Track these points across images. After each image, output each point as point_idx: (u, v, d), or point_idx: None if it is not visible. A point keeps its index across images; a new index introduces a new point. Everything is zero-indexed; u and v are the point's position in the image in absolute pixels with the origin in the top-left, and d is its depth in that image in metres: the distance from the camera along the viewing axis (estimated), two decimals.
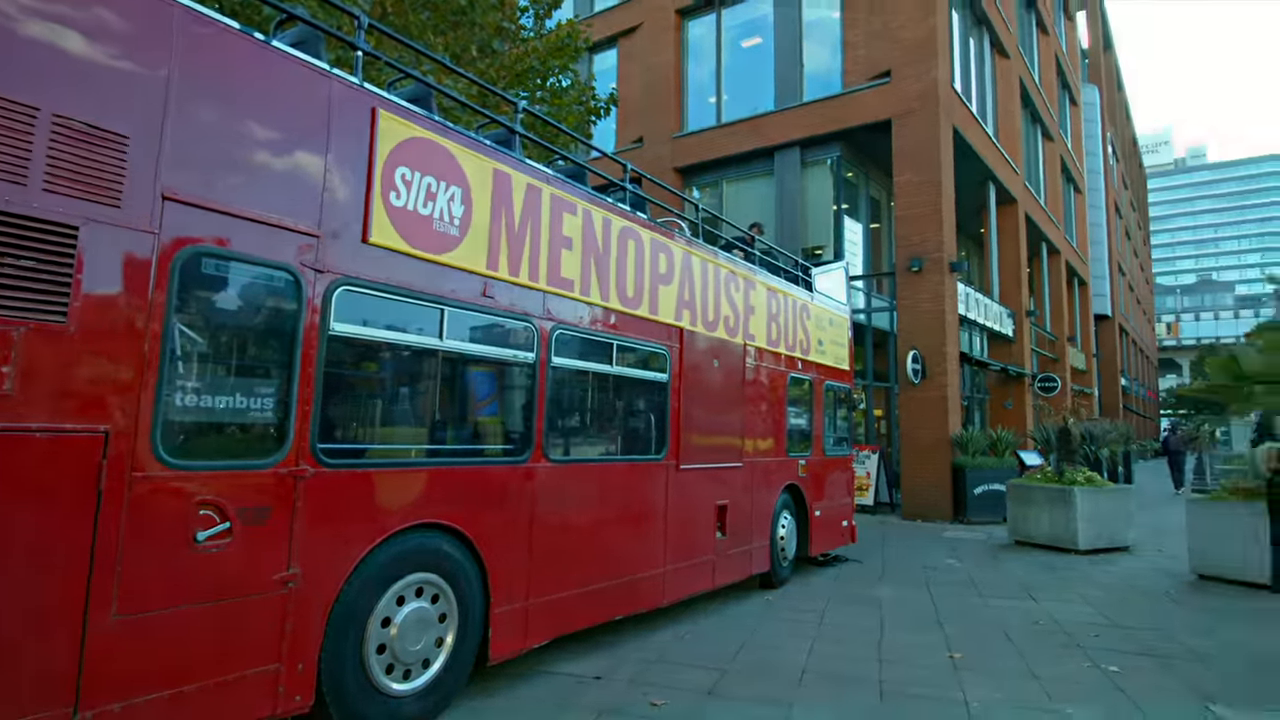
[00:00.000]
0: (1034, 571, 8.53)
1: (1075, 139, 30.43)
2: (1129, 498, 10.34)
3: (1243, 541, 7.76)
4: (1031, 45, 23.93)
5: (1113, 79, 44.07)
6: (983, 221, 19.11)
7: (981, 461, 12.79)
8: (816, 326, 8.74)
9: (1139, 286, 51.92)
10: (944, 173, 14.46)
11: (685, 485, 6.03)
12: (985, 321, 17.44)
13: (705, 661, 4.99)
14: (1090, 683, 4.71)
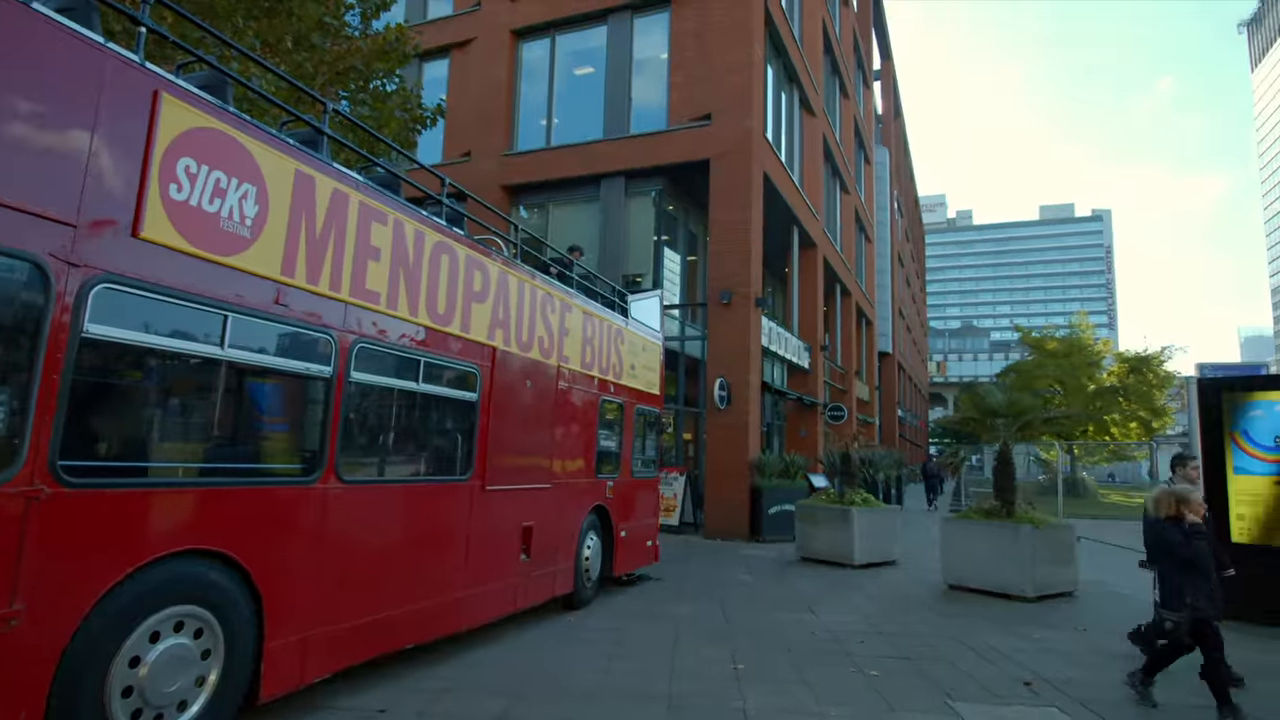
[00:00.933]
0: (816, 585, 9.28)
1: (868, 194, 33.92)
2: (897, 517, 11.59)
3: (987, 555, 8.93)
4: (835, 107, 26.45)
5: (901, 144, 49.73)
6: (787, 262, 20.71)
7: (776, 484, 13.75)
8: (630, 351, 9.01)
9: (915, 329, 58.54)
10: (754, 213, 15.53)
11: (490, 507, 5.95)
12: (785, 354, 18.83)
13: (498, 688, 4.92)
14: (853, 686, 5.20)
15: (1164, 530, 5.03)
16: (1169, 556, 4.98)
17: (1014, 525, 8.67)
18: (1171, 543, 4.94)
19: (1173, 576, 4.94)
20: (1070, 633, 7.10)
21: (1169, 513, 5.04)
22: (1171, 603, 4.91)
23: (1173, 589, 4.92)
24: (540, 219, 17.59)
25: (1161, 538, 5.05)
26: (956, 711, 4.73)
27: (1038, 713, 4.79)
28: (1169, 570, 5.00)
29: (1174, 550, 4.91)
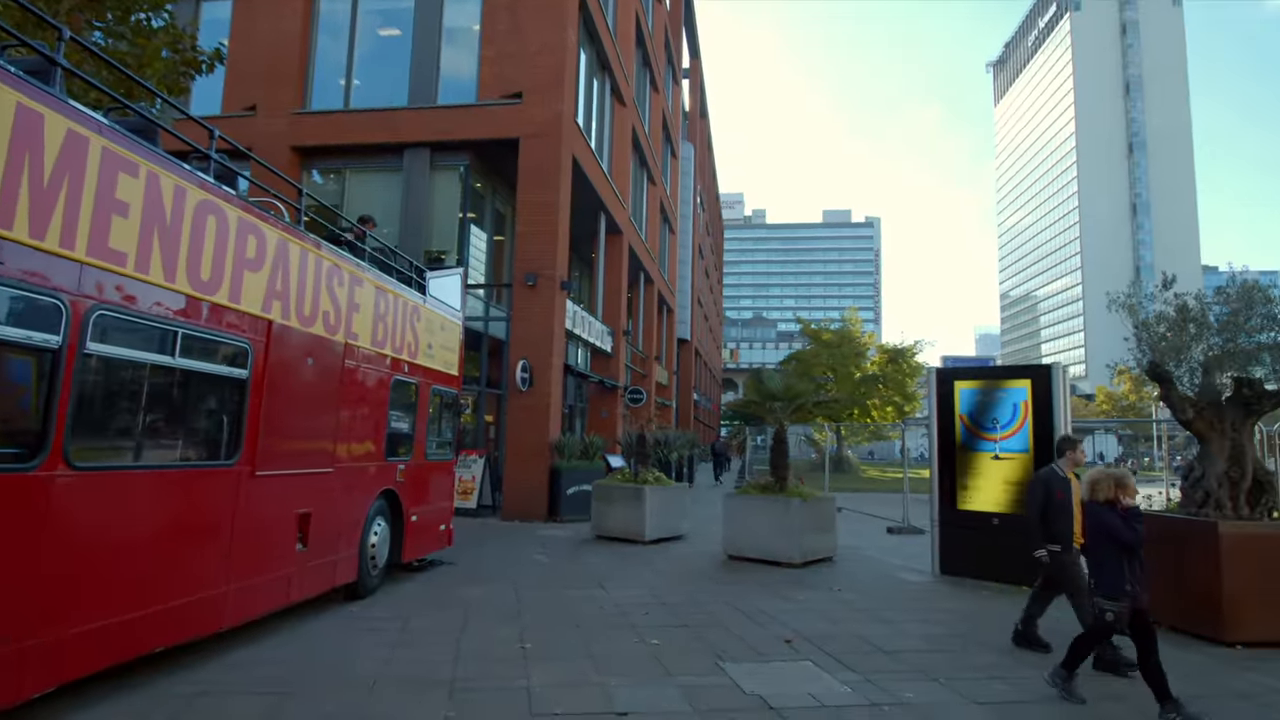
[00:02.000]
0: (608, 562, 9.60)
1: (673, 187, 35.26)
2: (685, 494, 12.27)
3: (762, 527, 9.70)
4: (645, 99, 27.14)
5: (705, 142, 52.15)
6: (593, 247, 21.04)
7: (575, 464, 14.00)
8: (427, 330, 8.71)
9: (712, 318, 61.99)
10: (562, 197, 15.58)
11: (261, 493, 5.51)
12: (589, 337, 19.15)
13: (265, 686, 4.60)
14: (635, 656, 5.46)
15: (1102, 514, 4.84)
16: (1109, 542, 4.74)
17: (785, 499, 9.52)
18: (1112, 527, 4.73)
19: (1110, 563, 4.73)
20: (827, 593, 7.95)
21: (1107, 496, 4.87)
22: (1110, 591, 4.67)
23: (1110, 576, 4.70)
24: (336, 186, 16.43)
25: (1101, 522, 4.82)
26: (725, 671, 5.13)
27: (795, 667, 5.32)
28: (1106, 557, 4.76)
29: (1115, 535, 4.70)
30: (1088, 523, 5.00)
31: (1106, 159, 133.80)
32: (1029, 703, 4.71)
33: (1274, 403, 6.90)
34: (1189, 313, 7.16)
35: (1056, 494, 5.91)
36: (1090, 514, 4.94)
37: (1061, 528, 5.83)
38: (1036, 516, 5.91)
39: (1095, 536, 4.88)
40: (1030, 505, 5.98)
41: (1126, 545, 4.67)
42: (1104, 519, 4.80)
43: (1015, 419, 8.81)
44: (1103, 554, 4.79)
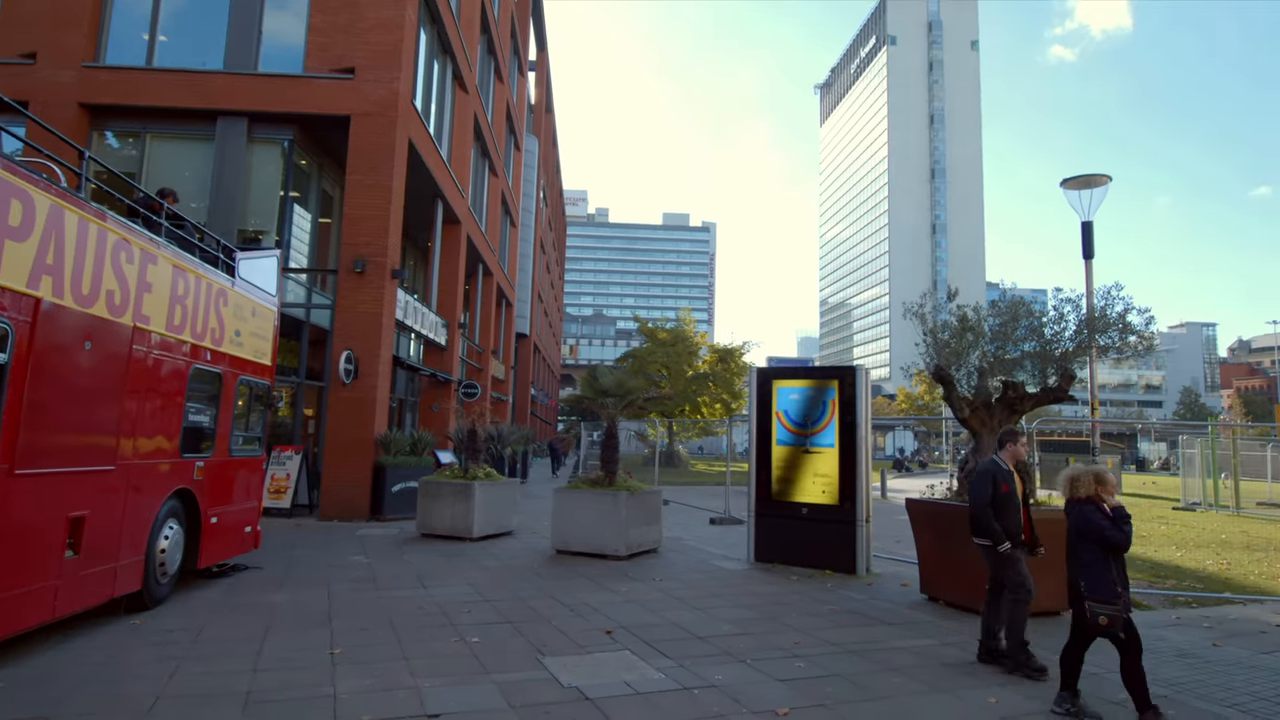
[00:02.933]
0: (432, 560, 9.33)
1: (515, 180, 34.80)
2: (516, 489, 12.19)
3: (590, 520, 9.82)
4: (489, 88, 26.57)
5: (550, 136, 51.91)
6: (429, 235, 20.31)
7: (402, 460, 13.47)
8: (236, 315, 8.03)
9: (552, 313, 61.92)
10: (396, 181, 14.92)
11: (21, 495, 4.84)
12: (422, 329, 18.49)
13: (21, 712, 4.05)
14: (453, 655, 5.35)
15: (1089, 514, 4.64)
16: (1096, 543, 4.56)
17: (614, 493, 9.72)
18: (1101, 528, 4.54)
19: (1098, 565, 4.53)
20: (649, 584, 8.21)
21: (1087, 493, 4.73)
22: (1103, 594, 4.48)
23: (1099, 579, 4.51)
24: (134, 152, 14.72)
25: (1090, 522, 4.60)
26: (545, 666, 5.16)
27: (613, 657, 5.44)
28: (1093, 559, 4.56)
29: (1105, 537, 4.52)
30: (1073, 523, 4.76)
31: (912, 182, 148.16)
32: (824, 677, 5.12)
33: (1034, 403, 7.95)
34: (968, 323, 8.10)
35: (1003, 487, 5.71)
36: (1077, 514, 4.72)
37: (1009, 523, 5.64)
38: (986, 509, 5.67)
39: (1082, 537, 4.64)
40: (978, 498, 5.72)
41: (1116, 547, 4.52)
42: (1093, 520, 4.59)
43: (825, 416, 9.54)
44: (1090, 555, 4.58)
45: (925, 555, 7.91)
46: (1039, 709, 4.67)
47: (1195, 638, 6.70)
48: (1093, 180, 9.42)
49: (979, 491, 5.77)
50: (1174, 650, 6.22)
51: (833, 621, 6.70)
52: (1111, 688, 4.96)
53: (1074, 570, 4.68)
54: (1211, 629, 7.08)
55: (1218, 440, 20.95)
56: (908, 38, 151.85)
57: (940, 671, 5.37)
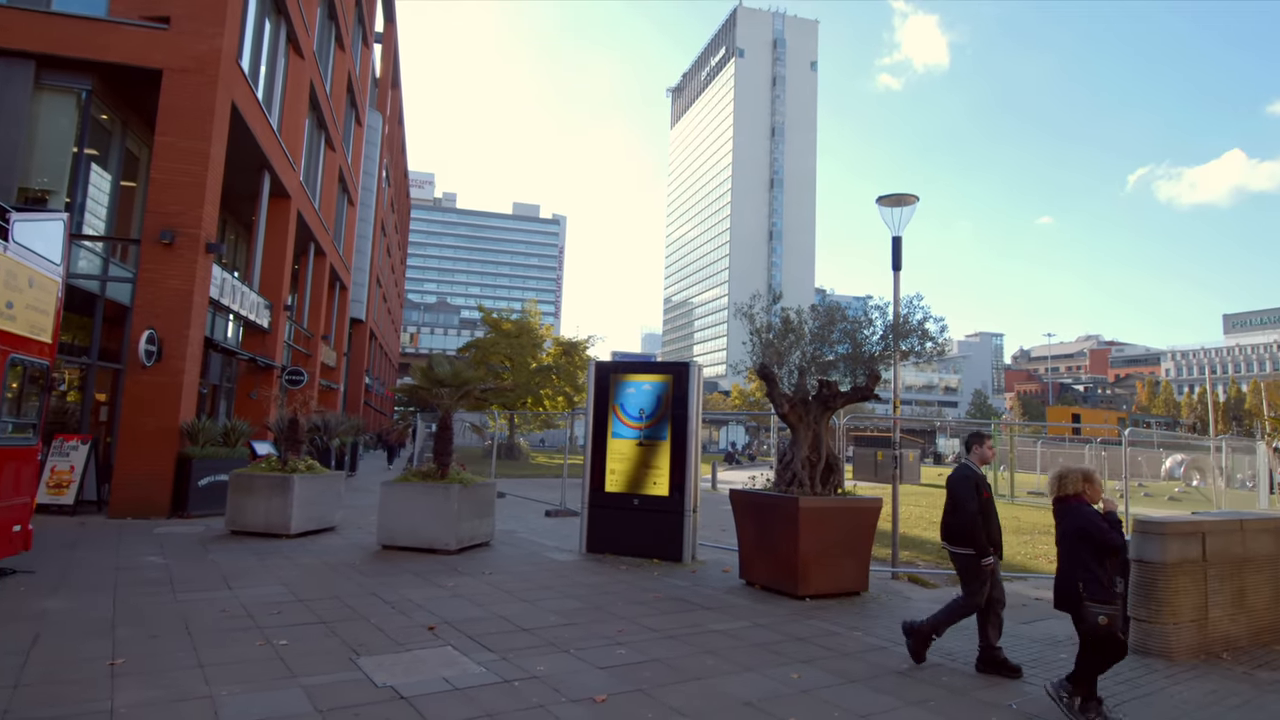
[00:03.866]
0: (241, 559, 8.66)
1: (356, 156, 32.92)
2: (341, 482, 11.58)
3: (420, 514, 9.50)
4: (328, 56, 24.92)
5: (396, 113, 49.55)
6: (254, 209, 18.76)
7: (212, 452, 12.38)
8: (7, 285, 7.04)
9: (392, 299, 59.29)
10: (215, 146, 13.68)
11: None
12: (242, 310, 17.07)
13: None
14: (256, 660, 5.01)
15: (1091, 516, 4.65)
16: (1090, 544, 4.58)
17: (445, 486, 9.48)
18: (1099, 530, 4.57)
19: (1094, 566, 4.56)
20: (479, 577, 8.09)
21: (1075, 490, 4.80)
22: (1101, 595, 4.50)
23: (1097, 579, 4.53)
24: None
25: (1093, 525, 4.60)
26: (359, 666, 4.95)
27: (434, 653, 5.32)
28: (1090, 560, 4.58)
29: (1103, 538, 4.55)
30: (1071, 524, 4.72)
31: (753, 190, 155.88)
32: (643, 662, 5.29)
33: (845, 401, 8.61)
34: (790, 325, 8.64)
35: (984, 493, 5.59)
36: (1074, 515, 4.73)
37: (991, 530, 5.56)
38: (975, 518, 5.47)
39: (1082, 539, 4.63)
40: (967, 503, 5.49)
41: (1116, 549, 4.57)
42: (1096, 523, 4.62)
43: (658, 409, 9.84)
44: (1085, 556, 4.60)
45: (745, 543, 8.37)
46: (836, 682, 5.08)
47: None
48: (903, 199, 10.35)
49: (966, 498, 5.51)
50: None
51: (656, 609, 6.93)
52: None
53: (1072, 572, 4.62)
54: None
55: (999, 437, 23.77)
56: (755, 52, 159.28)
57: (751, 652, 5.71)
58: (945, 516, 5.74)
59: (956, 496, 5.57)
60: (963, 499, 5.53)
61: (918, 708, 4.67)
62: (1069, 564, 4.69)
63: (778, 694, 4.79)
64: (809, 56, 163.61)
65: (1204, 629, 6.34)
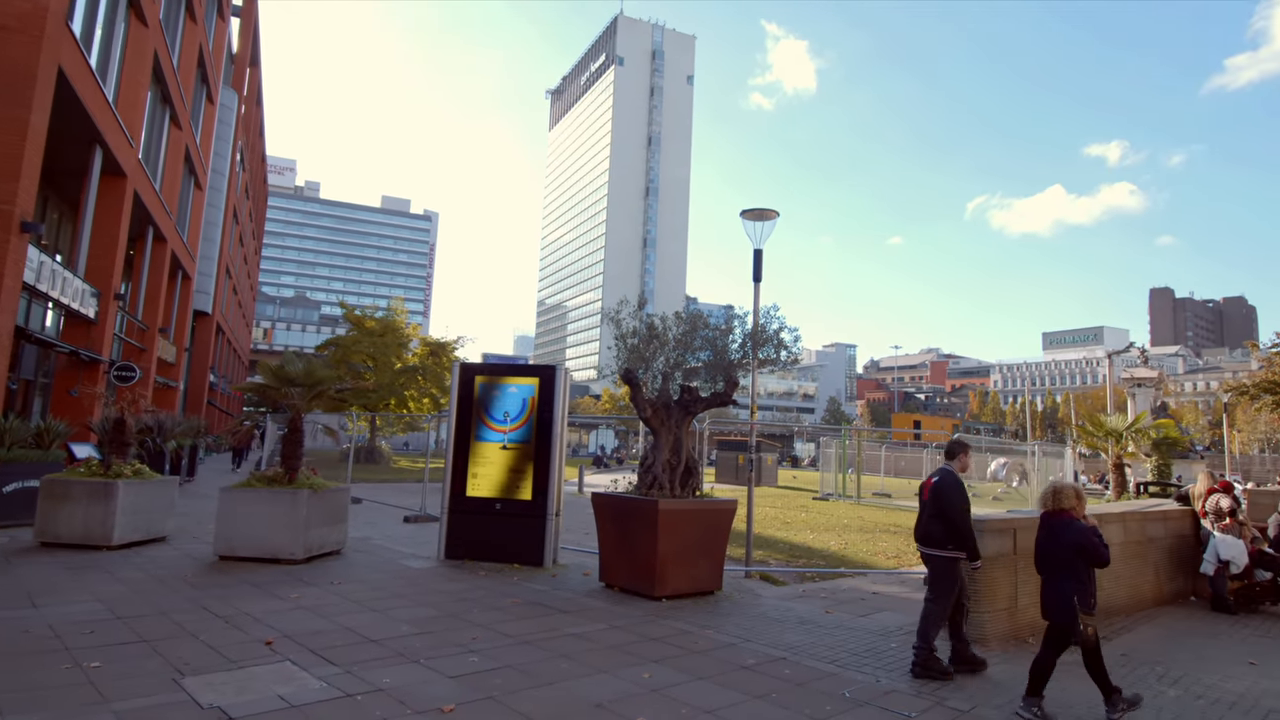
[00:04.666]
0: (50, 574, 7.79)
1: (206, 136, 30.51)
2: (173, 488, 10.67)
3: (264, 522, 8.91)
4: (177, 25, 22.98)
5: (255, 93, 46.34)
6: (82, 186, 16.99)
7: (20, 455, 11.04)
8: None
9: (244, 291, 55.36)
10: (36, 115, 12.33)
11: None
12: (62, 297, 15.42)
13: None
14: (62, 685, 4.52)
15: (1087, 532, 4.88)
16: (1088, 560, 4.86)
17: (293, 491, 8.95)
18: (1096, 547, 4.84)
19: (1085, 579, 4.84)
20: (326, 588, 7.69)
21: (1069, 505, 5.04)
22: (1086, 606, 4.81)
23: (1087, 591, 4.83)
24: None
25: (1090, 541, 4.86)
26: (183, 686, 4.58)
27: (269, 669, 5.01)
28: (1087, 575, 4.87)
29: (1095, 553, 4.83)
30: (1065, 539, 4.93)
31: (629, 197, 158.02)
32: (496, 669, 5.22)
33: (704, 406, 8.88)
34: (655, 331, 8.83)
35: (967, 501, 5.82)
36: (1072, 531, 4.93)
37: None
38: (969, 522, 5.74)
39: (1077, 554, 4.87)
40: (957, 509, 5.70)
41: (1102, 562, 4.87)
42: (1091, 539, 4.87)
43: (523, 413, 9.75)
44: (1085, 572, 4.87)
45: (606, 545, 8.44)
46: (685, 679, 5.23)
47: (814, 607, 8.01)
48: (764, 214, 10.84)
49: (959, 503, 5.72)
50: (797, 619, 7.37)
51: (513, 614, 6.86)
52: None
53: (1067, 585, 4.85)
54: (827, 599, 8.52)
55: (848, 441, 25.35)
56: (634, 61, 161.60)
57: (606, 654, 5.77)
58: (925, 521, 5.88)
59: (949, 502, 5.72)
60: (956, 504, 5.71)
61: (760, 701, 4.89)
62: (1063, 577, 4.89)
63: (629, 694, 4.87)
64: (686, 70, 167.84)
65: (1013, 616, 7.03)
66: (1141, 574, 9.09)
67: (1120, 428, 15.00)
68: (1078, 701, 5.21)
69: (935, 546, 5.80)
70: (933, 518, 5.82)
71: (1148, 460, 22.07)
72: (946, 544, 5.74)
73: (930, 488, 5.94)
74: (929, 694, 5.23)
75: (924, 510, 5.95)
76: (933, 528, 5.81)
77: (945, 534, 5.73)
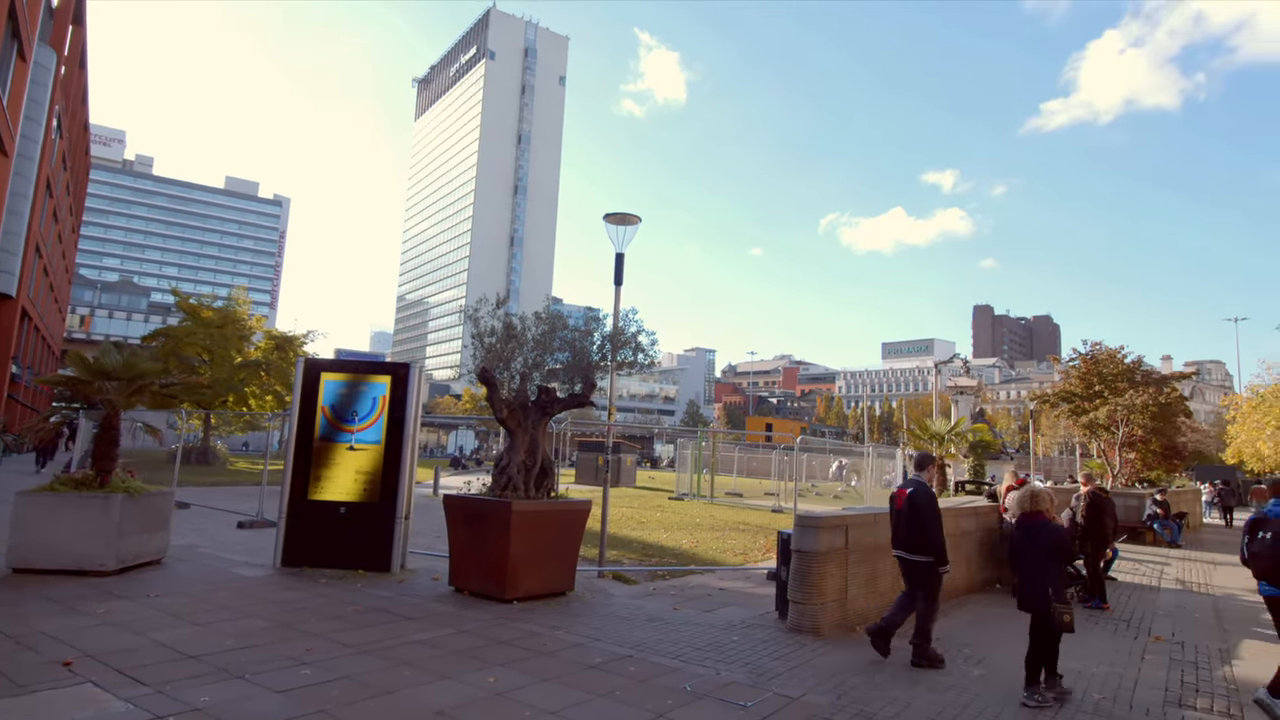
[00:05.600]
0: None
1: (15, 97, 27.00)
2: None
3: (70, 530, 7.97)
4: None
5: (78, 54, 41.53)
6: None
7: None
8: None
9: (57, 273, 49.54)
10: None
11: None
12: None
13: None
14: None
15: (1058, 530, 5.55)
16: (1062, 559, 5.52)
17: (105, 496, 8.08)
18: (1065, 545, 5.52)
19: (1057, 574, 5.46)
20: (142, 601, 7.01)
21: (1047, 508, 5.66)
22: (1059, 597, 5.38)
23: (1057, 585, 5.40)
24: None
25: (1065, 542, 5.55)
26: None
27: (67, 693, 4.51)
28: (1056, 568, 5.48)
29: (1067, 551, 5.55)
30: (1042, 538, 5.53)
31: (497, 194, 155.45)
32: (331, 681, 4.97)
33: (562, 407, 8.90)
34: (513, 330, 8.74)
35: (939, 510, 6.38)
36: (1049, 531, 5.57)
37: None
38: (941, 531, 6.29)
39: (1054, 554, 5.51)
40: (934, 519, 6.25)
41: (1071, 559, 5.71)
42: (1063, 538, 5.58)
43: (374, 412, 9.35)
44: (1054, 567, 5.48)
45: (457, 549, 8.25)
46: (531, 682, 5.21)
47: (663, 604, 8.21)
48: (627, 218, 11.01)
49: (935, 514, 6.28)
50: (646, 616, 7.53)
51: (354, 623, 6.56)
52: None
53: (1043, 579, 5.44)
54: (675, 596, 8.76)
55: (704, 443, 26.21)
56: (506, 57, 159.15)
57: (451, 659, 5.64)
58: (901, 531, 6.44)
59: (927, 512, 6.25)
60: (934, 515, 6.25)
61: (605, 699, 4.96)
62: (1040, 573, 5.46)
63: (472, 699, 4.79)
64: (559, 70, 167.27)
65: (844, 607, 7.54)
66: (956, 565, 10.00)
67: (943, 431, 16.46)
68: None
69: (916, 552, 6.34)
70: (911, 526, 6.35)
71: (966, 461, 24.41)
72: (924, 551, 6.30)
73: (905, 498, 6.46)
74: (764, 684, 5.50)
75: (899, 519, 6.52)
76: (913, 536, 6.35)
77: (919, 541, 6.29)
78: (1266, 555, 5.51)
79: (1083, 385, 24.87)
